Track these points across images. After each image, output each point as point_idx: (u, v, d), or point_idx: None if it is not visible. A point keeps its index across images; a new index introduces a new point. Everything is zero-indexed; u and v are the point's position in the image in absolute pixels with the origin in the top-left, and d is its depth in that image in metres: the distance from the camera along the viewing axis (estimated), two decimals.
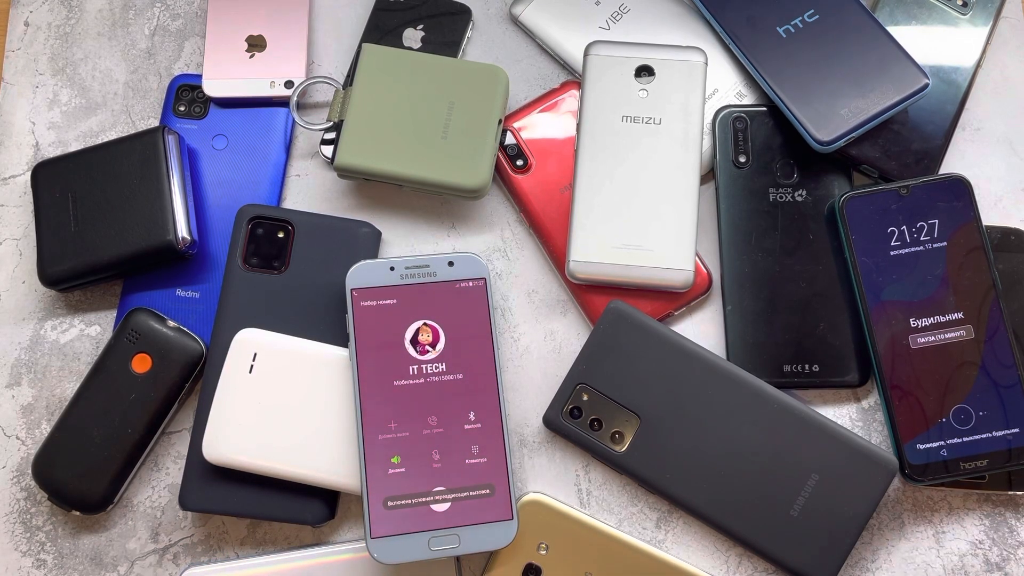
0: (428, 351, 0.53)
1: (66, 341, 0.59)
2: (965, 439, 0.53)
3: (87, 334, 0.59)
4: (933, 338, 0.54)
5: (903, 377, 0.53)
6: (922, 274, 0.54)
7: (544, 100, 0.61)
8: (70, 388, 0.58)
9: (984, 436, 0.53)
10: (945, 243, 0.55)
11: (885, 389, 0.54)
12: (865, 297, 0.54)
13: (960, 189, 0.55)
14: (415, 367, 0.53)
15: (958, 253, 0.54)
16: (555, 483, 0.56)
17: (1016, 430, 0.53)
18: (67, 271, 0.57)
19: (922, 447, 0.53)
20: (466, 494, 0.51)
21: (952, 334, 0.54)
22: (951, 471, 0.53)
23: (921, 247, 0.55)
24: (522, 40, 0.64)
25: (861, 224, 0.55)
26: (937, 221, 0.55)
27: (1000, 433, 0.52)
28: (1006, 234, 0.57)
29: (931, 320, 0.54)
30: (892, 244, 0.55)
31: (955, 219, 0.55)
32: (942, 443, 0.53)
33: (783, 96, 0.57)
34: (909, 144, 0.58)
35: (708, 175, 0.60)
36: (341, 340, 0.54)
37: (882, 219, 0.55)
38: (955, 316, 0.54)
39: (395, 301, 0.54)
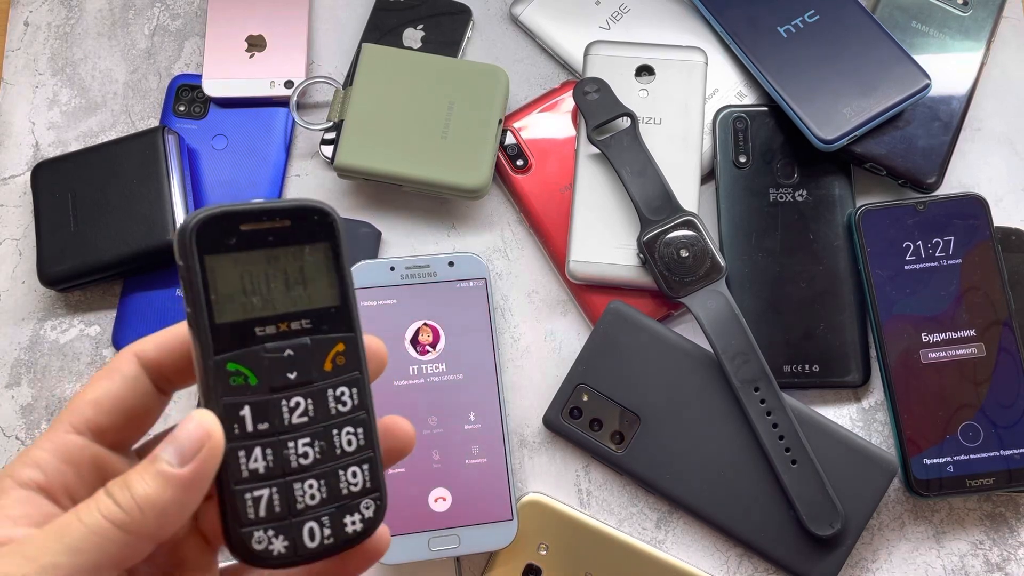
0: (428, 351, 0.53)
1: (66, 341, 0.59)
2: (972, 456, 0.52)
3: (87, 334, 0.59)
4: (944, 354, 0.54)
5: (912, 391, 0.53)
6: (936, 290, 0.54)
7: (544, 100, 0.61)
8: (70, 388, 0.58)
9: (992, 455, 0.52)
10: (960, 260, 0.55)
11: (894, 402, 0.54)
12: (878, 310, 0.54)
13: (976, 207, 0.55)
14: (415, 367, 0.53)
15: (972, 271, 0.54)
16: (555, 483, 0.56)
17: (1023, 450, 0.53)
18: (67, 271, 0.57)
19: (929, 462, 0.53)
20: (466, 494, 0.51)
21: (963, 351, 0.54)
22: (956, 488, 0.53)
23: (936, 263, 0.55)
24: (522, 40, 0.64)
25: (877, 237, 0.55)
26: (953, 238, 0.55)
27: (1008, 452, 0.52)
28: (1006, 234, 0.57)
29: (942, 336, 0.54)
30: (907, 259, 0.55)
31: (971, 237, 0.55)
32: (949, 459, 0.53)
33: (785, 95, 0.57)
34: (915, 141, 0.58)
35: (708, 175, 0.60)
36: None
37: (898, 234, 0.55)
38: (967, 333, 0.54)
39: (395, 301, 0.54)
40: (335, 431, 0.31)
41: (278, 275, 0.30)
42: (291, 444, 0.30)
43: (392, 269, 0.54)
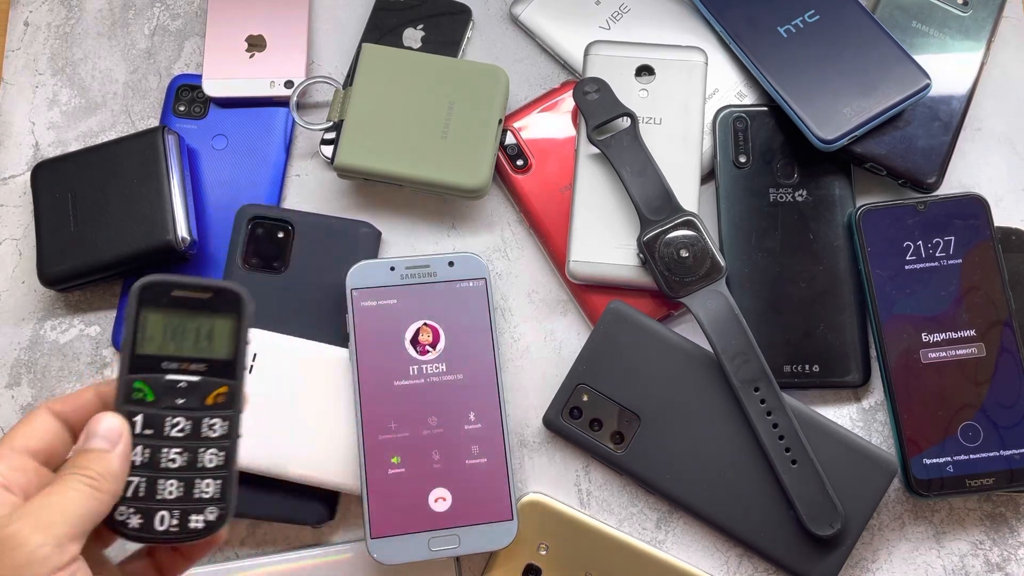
0: (428, 351, 0.53)
1: (66, 341, 0.59)
2: (972, 456, 0.52)
3: (87, 334, 0.59)
4: (944, 354, 0.54)
5: (912, 391, 0.53)
6: (936, 290, 0.54)
7: (544, 100, 0.61)
8: (70, 388, 0.58)
9: (992, 455, 0.52)
10: (960, 260, 0.55)
11: (894, 402, 0.54)
12: (878, 310, 0.54)
13: (977, 208, 0.55)
14: (415, 367, 0.53)
15: (972, 271, 0.54)
16: (555, 483, 0.56)
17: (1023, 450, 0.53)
18: (67, 271, 0.57)
19: (928, 462, 0.53)
20: (466, 494, 0.51)
21: (963, 351, 0.54)
22: (956, 488, 0.52)
23: (936, 263, 0.55)
24: (522, 40, 0.64)
25: (877, 237, 0.55)
26: (953, 238, 0.55)
27: (1008, 452, 0.52)
28: (1007, 234, 0.57)
29: (943, 336, 0.54)
30: (907, 259, 0.55)
31: (971, 237, 0.55)
32: (949, 459, 0.53)
33: (785, 95, 0.57)
34: (915, 141, 0.58)
35: (708, 175, 0.60)
36: (341, 340, 0.54)
37: (898, 233, 0.55)
38: (967, 333, 0.54)
39: (395, 301, 0.54)
40: (201, 450, 0.40)
41: (191, 329, 0.41)
42: (165, 450, 0.40)
43: (392, 269, 0.54)
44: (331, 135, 0.61)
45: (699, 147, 0.57)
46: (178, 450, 0.40)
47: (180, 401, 0.40)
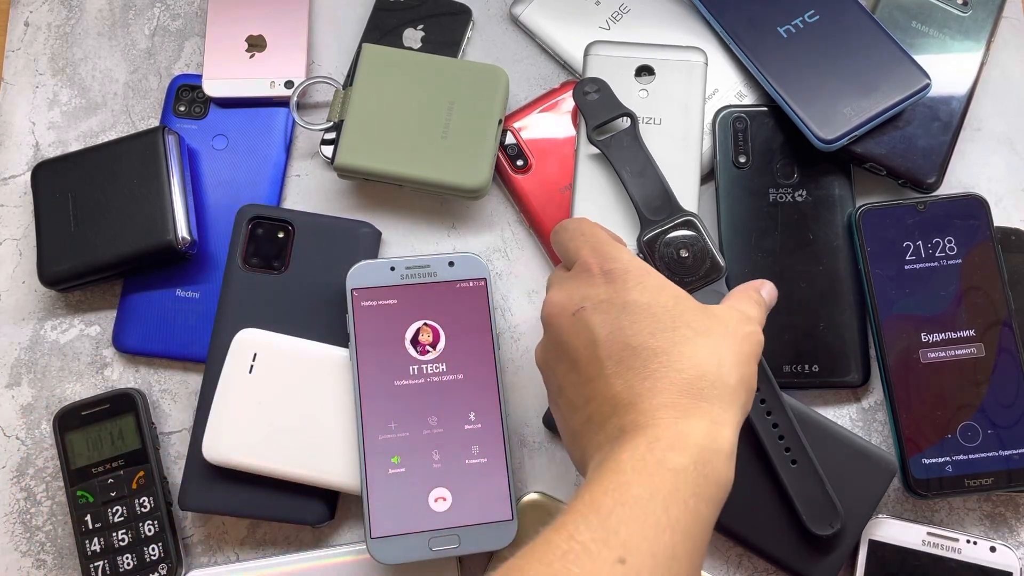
0: (428, 351, 0.53)
1: (66, 341, 0.59)
2: (971, 456, 0.52)
3: (87, 334, 0.59)
4: (943, 354, 0.54)
5: (911, 391, 0.53)
6: (935, 290, 0.54)
7: (544, 100, 0.61)
8: (70, 388, 0.58)
9: (990, 455, 0.52)
10: (960, 260, 0.55)
11: (893, 402, 0.54)
12: (877, 309, 0.54)
13: (977, 208, 0.55)
14: (415, 367, 0.53)
15: (972, 271, 0.54)
16: (555, 483, 0.56)
17: (1023, 450, 0.52)
18: (67, 271, 0.57)
19: (927, 462, 0.53)
20: (466, 494, 0.51)
21: (962, 351, 0.54)
22: (955, 488, 0.52)
23: (936, 263, 0.55)
24: (522, 40, 0.64)
25: (877, 237, 0.55)
26: (953, 238, 0.55)
27: (1007, 452, 0.52)
28: (1006, 234, 0.57)
29: (942, 336, 0.54)
30: (907, 259, 0.55)
31: (971, 237, 0.55)
32: (947, 459, 0.53)
33: (785, 95, 0.57)
34: (915, 141, 0.58)
35: (708, 175, 0.60)
36: (341, 340, 0.54)
37: (898, 233, 0.55)
38: (966, 333, 0.54)
39: (395, 301, 0.54)
40: (140, 523, 0.53)
41: (105, 435, 0.54)
42: (114, 534, 0.53)
43: (392, 269, 0.54)
44: (331, 135, 0.61)
45: (699, 147, 0.57)
46: (124, 531, 0.53)
47: (113, 494, 0.53)
